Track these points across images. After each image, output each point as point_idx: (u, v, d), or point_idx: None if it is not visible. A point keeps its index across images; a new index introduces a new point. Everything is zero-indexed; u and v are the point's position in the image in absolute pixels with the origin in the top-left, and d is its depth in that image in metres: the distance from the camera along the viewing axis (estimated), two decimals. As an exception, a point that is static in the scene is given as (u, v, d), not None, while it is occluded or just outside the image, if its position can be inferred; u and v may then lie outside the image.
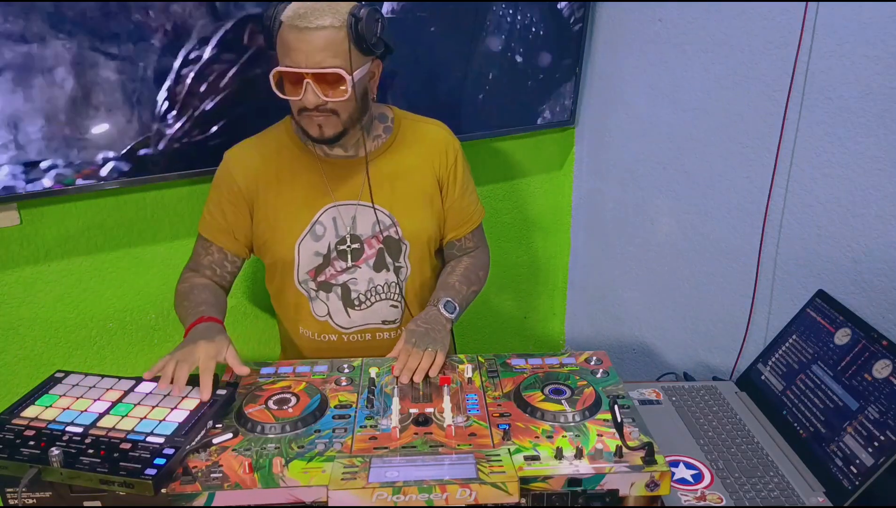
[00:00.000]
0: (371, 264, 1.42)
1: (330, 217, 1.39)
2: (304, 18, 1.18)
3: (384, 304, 1.45)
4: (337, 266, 1.41)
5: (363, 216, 1.39)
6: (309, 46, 1.19)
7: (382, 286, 1.44)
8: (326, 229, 1.39)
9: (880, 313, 1.43)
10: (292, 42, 1.20)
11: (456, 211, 1.47)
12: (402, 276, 1.45)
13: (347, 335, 1.46)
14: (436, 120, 1.48)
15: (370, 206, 1.38)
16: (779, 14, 1.56)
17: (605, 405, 1.16)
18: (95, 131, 1.46)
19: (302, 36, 1.19)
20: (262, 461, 1.03)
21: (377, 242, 1.41)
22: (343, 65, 1.21)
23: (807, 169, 1.56)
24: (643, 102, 2.00)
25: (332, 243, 1.40)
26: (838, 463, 1.16)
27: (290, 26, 1.20)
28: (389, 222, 1.40)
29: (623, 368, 2.24)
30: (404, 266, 1.44)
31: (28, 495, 1.00)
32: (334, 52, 1.20)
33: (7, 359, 1.59)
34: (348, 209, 1.39)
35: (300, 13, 1.19)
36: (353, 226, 1.39)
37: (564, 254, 2.47)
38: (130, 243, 1.66)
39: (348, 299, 1.43)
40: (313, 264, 1.41)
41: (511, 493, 0.98)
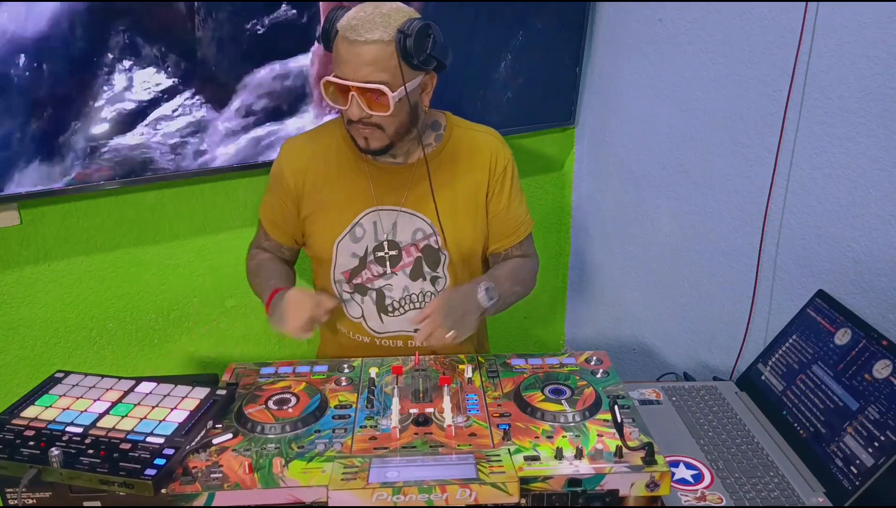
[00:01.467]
0: (408, 272, 1.41)
1: (371, 221, 1.38)
2: (356, 31, 1.18)
3: (417, 313, 1.44)
4: (373, 270, 1.41)
5: (404, 223, 1.39)
6: (357, 60, 1.19)
7: (417, 295, 1.43)
8: (366, 231, 1.39)
9: (880, 313, 1.43)
10: (342, 53, 1.20)
11: (501, 221, 1.45)
12: (439, 286, 1.43)
13: (380, 339, 1.46)
14: (488, 128, 1.47)
15: (412, 213, 1.38)
16: (779, 14, 1.56)
17: (605, 405, 1.16)
18: (95, 131, 1.46)
19: (352, 49, 1.18)
20: (262, 461, 1.03)
21: (416, 250, 1.40)
22: (389, 80, 1.20)
23: (807, 169, 1.56)
24: (643, 102, 2.00)
25: (370, 247, 1.39)
26: (838, 463, 1.16)
27: (342, 37, 1.20)
28: (430, 232, 1.39)
29: (623, 368, 2.24)
30: (442, 277, 1.42)
31: (28, 495, 1.00)
32: (382, 66, 1.19)
33: (7, 359, 1.59)
34: (390, 215, 1.38)
35: (353, 24, 1.18)
36: (394, 232, 1.39)
37: (564, 254, 2.47)
38: (130, 243, 1.66)
39: (382, 305, 1.43)
40: (349, 265, 1.41)
41: (511, 493, 0.98)
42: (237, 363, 1.32)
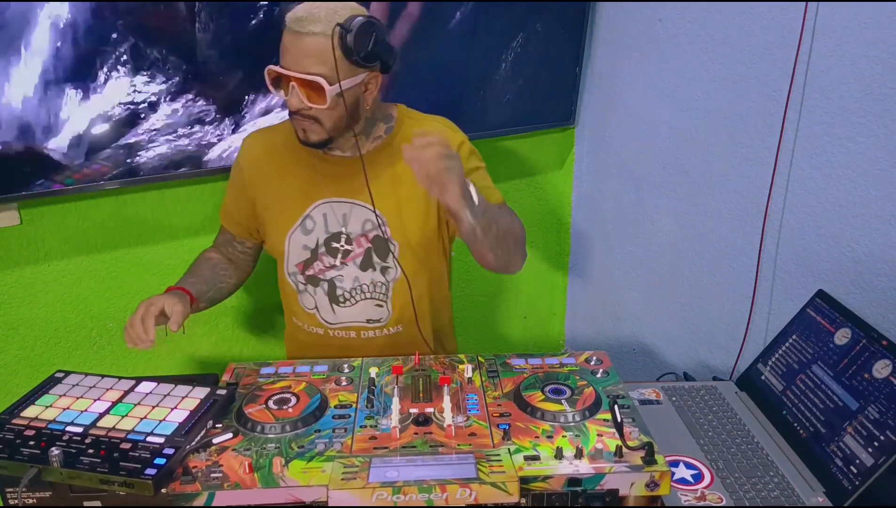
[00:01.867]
0: (358, 263, 1.42)
1: (321, 213, 1.40)
2: (300, 22, 1.19)
3: (369, 303, 1.44)
4: (325, 262, 1.42)
5: (355, 215, 1.40)
6: (298, 51, 1.20)
7: (368, 286, 1.43)
8: (316, 224, 1.40)
9: (880, 313, 1.43)
10: (286, 44, 1.22)
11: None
12: (390, 277, 1.43)
13: (333, 331, 1.47)
14: (439, 117, 1.46)
15: (362, 205, 1.39)
16: (779, 14, 1.56)
17: (605, 405, 1.16)
18: (95, 132, 1.46)
19: (294, 39, 1.20)
20: (262, 461, 1.03)
21: (366, 240, 1.41)
22: (327, 74, 1.20)
23: (807, 169, 1.56)
24: (643, 102, 2.00)
25: (321, 239, 1.41)
26: (838, 463, 1.16)
27: (288, 27, 1.22)
28: (379, 222, 1.40)
29: (623, 368, 2.24)
30: (392, 267, 1.43)
31: (28, 495, 1.00)
32: (322, 59, 1.20)
33: (7, 359, 1.59)
34: (341, 207, 1.40)
35: (298, 16, 1.20)
36: (344, 223, 1.40)
37: (564, 254, 2.47)
38: (130, 243, 1.66)
39: (334, 296, 1.44)
40: (301, 257, 1.43)
41: (511, 493, 0.98)
42: (237, 363, 1.32)
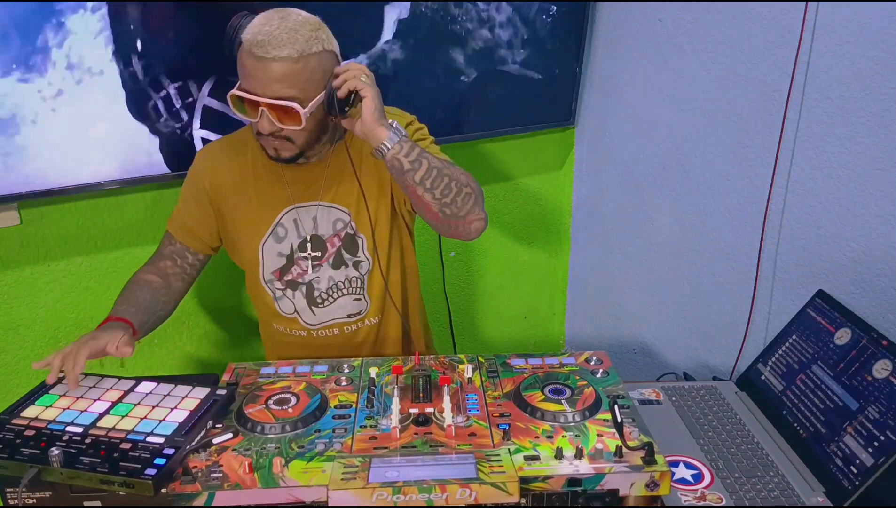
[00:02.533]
0: (330, 263, 1.42)
1: (291, 219, 1.39)
2: (263, 47, 1.16)
3: (347, 299, 1.45)
4: (302, 265, 1.42)
5: (324, 216, 1.40)
6: (266, 76, 1.18)
7: (343, 282, 1.43)
8: (288, 230, 1.40)
9: (880, 313, 1.43)
10: (250, 69, 1.19)
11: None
12: (364, 270, 1.43)
13: (316, 331, 1.47)
14: (390, 108, 1.40)
15: (329, 205, 1.39)
16: (779, 14, 1.56)
17: (605, 405, 1.16)
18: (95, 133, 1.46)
19: (259, 65, 1.18)
20: (262, 461, 1.03)
21: (338, 240, 1.41)
22: (299, 96, 1.20)
23: (807, 169, 1.56)
24: (643, 102, 2.00)
25: (295, 244, 1.40)
26: (838, 463, 1.16)
27: (248, 52, 1.18)
28: (349, 219, 1.40)
29: (623, 368, 2.24)
30: (364, 260, 1.43)
31: (28, 495, 1.00)
32: (290, 83, 1.19)
33: (7, 359, 1.59)
34: (309, 210, 1.39)
35: (259, 40, 1.17)
36: (315, 226, 1.40)
37: (564, 254, 2.47)
38: (130, 243, 1.66)
39: (311, 298, 1.44)
40: (277, 264, 1.42)
41: (511, 493, 0.98)
42: (237, 363, 1.32)
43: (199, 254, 1.44)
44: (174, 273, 1.42)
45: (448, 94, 1.92)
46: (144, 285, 1.37)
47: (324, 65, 1.22)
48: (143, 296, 1.34)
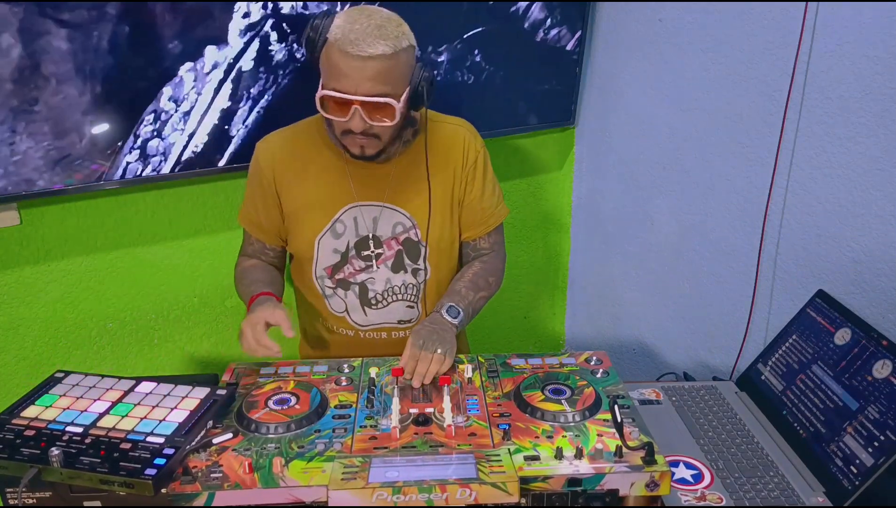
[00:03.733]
0: (389, 266, 1.42)
1: (351, 217, 1.40)
2: (357, 45, 1.17)
3: (401, 304, 1.46)
4: (355, 265, 1.42)
5: (385, 218, 1.40)
6: (360, 74, 1.19)
7: (399, 287, 1.44)
8: (347, 227, 1.40)
9: (880, 313, 1.43)
10: (343, 68, 1.19)
11: (472, 211, 1.46)
12: (421, 278, 1.45)
13: (364, 332, 1.48)
14: (460, 120, 1.48)
15: (392, 208, 1.39)
16: (779, 14, 1.56)
17: (605, 405, 1.16)
18: (96, 132, 1.46)
19: (353, 63, 1.18)
20: (262, 461, 1.03)
21: (397, 243, 1.41)
22: (392, 92, 1.21)
23: (807, 169, 1.56)
24: (643, 102, 2.00)
25: (352, 242, 1.41)
26: (838, 463, 1.16)
27: (340, 51, 1.18)
28: (410, 225, 1.41)
29: (623, 368, 2.24)
30: (423, 268, 1.44)
31: (28, 495, 1.00)
32: (385, 79, 1.20)
33: (7, 359, 1.59)
34: (371, 210, 1.40)
35: (351, 39, 1.17)
36: (375, 227, 1.40)
37: (564, 254, 2.47)
38: (130, 243, 1.66)
39: (365, 298, 1.44)
40: (331, 261, 1.42)
41: (511, 493, 0.98)
42: (237, 363, 1.32)
43: (275, 247, 1.48)
44: (269, 262, 1.49)
45: (448, 94, 1.92)
46: (255, 267, 1.45)
47: (410, 60, 1.24)
48: (260, 273, 1.42)
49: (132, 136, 1.49)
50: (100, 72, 1.42)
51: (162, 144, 1.53)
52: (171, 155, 1.55)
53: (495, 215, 1.49)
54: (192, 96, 1.52)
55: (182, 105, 1.52)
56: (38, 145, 1.41)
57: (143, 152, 1.52)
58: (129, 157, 1.50)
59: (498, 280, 1.51)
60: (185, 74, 1.50)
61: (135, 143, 1.50)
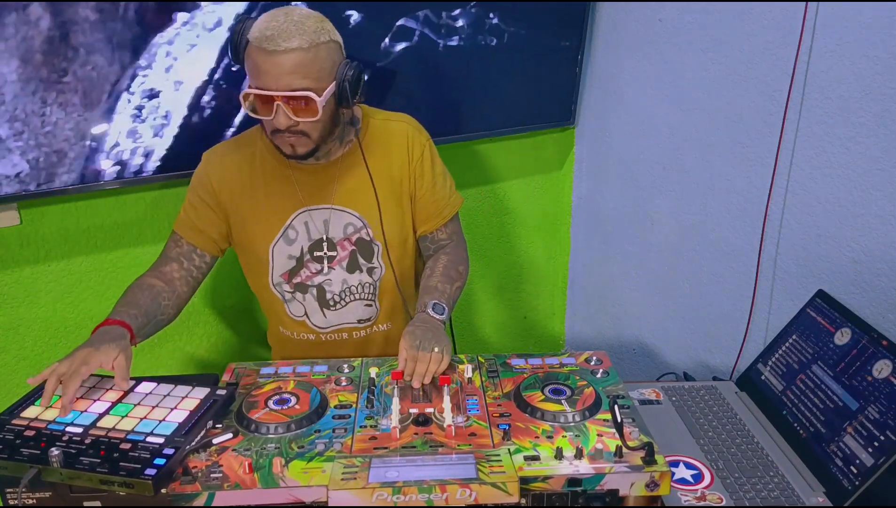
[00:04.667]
0: (344, 266, 1.43)
1: (302, 222, 1.40)
2: (272, 41, 1.17)
3: (359, 304, 1.46)
4: (311, 268, 1.42)
5: (335, 220, 1.40)
6: (278, 69, 1.18)
7: (356, 287, 1.44)
8: (299, 233, 1.40)
9: (880, 313, 1.43)
10: (261, 64, 1.19)
11: (425, 204, 1.46)
12: (376, 276, 1.45)
13: (325, 335, 1.47)
14: (402, 115, 1.47)
15: (341, 209, 1.40)
16: (779, 14, 1.56)
17: (605, 405, 1.16)
18: (95, 131, 1.46)
19: (270, 59, 1.18)
20: (262, 461, 1.03)
21: (349, 244, 1.42)
22: (313, 86, 1.20)
23: (807, 169, 1.56)
24: (643, 102, 2.00)
25: (305, 247, 1.41)
26: (838, 463, 1.16)
27: (257, 48, 1.18)
28: (360, 225, 1.41)
29: (623, 368, 2.24)
30: (378, 267, 1.44)
31: (28, 495, 1.00)
32: (304, 73, 1.19)
33: (7, 359, 1.59)
34: (320, 213, 1.40)
35: (267, 35, 1.17)
36: (326, 229, 1.40)
37: (564, 254, 2.47)
38: (130, 243, 1.66)
39: (323, 300, 1.44)
40: (287, 267, 1.42)
41: (511, 493, 0.98)
42: (237, 363, 1.32)
43: (206, 255, 1.42)
44: (179, 277, 1.39)
45: (448, 94, 1.92)
46: (147, 288, 1.34)
47: (332, 55, 1.23)
48: (144, 299, 1.30)
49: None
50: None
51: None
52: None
53: (449, 206, 1.49)
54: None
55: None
56: (67, 116, 1.42)
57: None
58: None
59: (466, 268, 1.51)
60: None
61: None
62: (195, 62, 1.52)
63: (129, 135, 1.50)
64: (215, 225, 1.41)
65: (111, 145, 1.49)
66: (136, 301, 1.29)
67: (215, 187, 1.39)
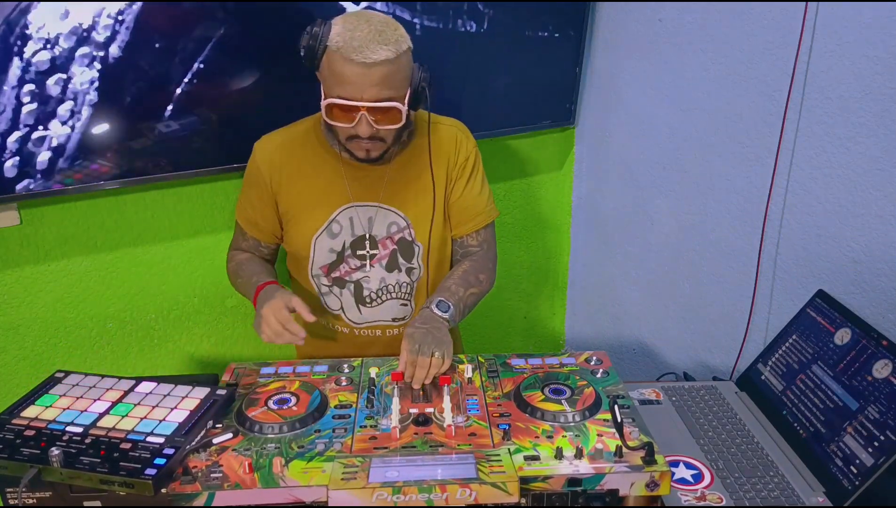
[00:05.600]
0: (384, 265, 1.44)
1: (347, 217, 1.41)
2: (360, 52, 1.18)
3: (395, 303, 1.48)
4: (351, 264, 1.43)
5: (380, 218, 1.41)
6: (366, 81, 1.20)
7: (394, 286, 1.46)
8: (343, 227, 1.41)
9: (880, 313, 1.43)
10: (347, 75, 1.20)
11: (460, 208, 1.47)
12: (415, 277, 1.47)
13: (359, 330, 1.49)
14: (454, 120, 1.49)
15: (387, 208, 1.41)
16: (779, 14, 1.56)
17: (605, 405, 1.16)
18: (95, 131, 1.46)
19: (358, 70, 1.19)
20: (262, 461, 1.03)
21: (391, 243, 1.43)
22: (397, 95, 1.23)
23: (807, 169, 1.56)
24: (643, 102, 2.00)
25: (348, 242, 1.42)
26: (838, 463, 1.16)
27: (344, 58, 1.19)
28: (405, 225, 1.42)
29: (623, 368, 2.24)
30: (417, 267, 1.46)
31: (28, 495, 1.00)
32: (390, 84, 1.21)
33: (7, 359, 1.59)
34: (366, 211, 1.41)
35: (354, 46, 1.18)
36: (370, 227, 1.41)
37: (564, 254, 2.47)
38: (130, 243, 1.66)
39: (360, 297, 1.46)
40: (327, 260, 1.43)
41: (511, 493, 0.98)
42: (237, 363, 1.32)
43: (270, 245, 1.49)
44: (261, 257, 1.50)
45: (448, 94, 1.91)
46: (249, 260, 1.47)
47: (410, 61, 1.26)
48: (258, 266, 1.44)
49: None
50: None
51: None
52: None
53: (484, 214, 1.50)
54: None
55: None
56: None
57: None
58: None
59: (489, 279, 1.50)
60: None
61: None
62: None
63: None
64: (268, 217, 1.45)
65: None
66: (257, 270, 1.43)
67: (266, 176, 1.41)
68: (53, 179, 1.44)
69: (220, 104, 1.58)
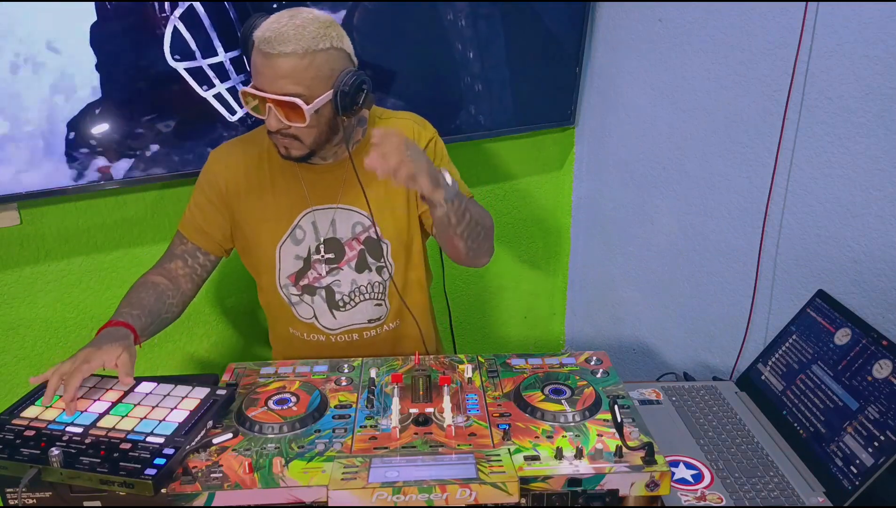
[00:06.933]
0: (353, 266, 1.42)
1: (309, 221, 1.39)
2: (270, 43, 1.17)
3: (368, 304, 1.45)
4: (319, 269, 1.41)
5: (343, 219, 1.39)
6: (272, 72, 1.18)
7: (366, 287, 1.44)
8: (306, 233, 1.39)
9: (880, 313, 1.43)
10: (258, 65, 1.20)
11: None
12: (386, 275, 1.44)
13: (335, 336, 1.46)
14: (408, 113, 1.46)
15: (348, 208, 1.39)
16: (779, 14, 1.56)
17: (605, 405, 1.16)
18: (95, 132, 1.46)
19: (266, 61, 1.18)
20: (262, 461, 1.03)
21: (358, 243, 1.41)
22: (303, 93, 1.19)
23: (807, 169, 1.56)
24: (643, 102, 2.00)
25: (313, 247, 1.40)
26: (838, 463, 1.16)
27: (257, 49, 1.19)
28: (368, 223, 1.40)
29: (623, 368, 2.24)
30: (387, 265, 1.43)
31: (28, 495, 1.00)
32: (296, 80, 1.19)
33: (7, 359, 1.59)
34: (327, 213, 1.39)
35: (267, 37, 1.17)
36: (333, 229, 1.40)
37: (564, 254, 2.47)
38: (130, 243, 1.66)
39: (333, 301, 1.43)
40: (294, 268, 1.41)
41: (511, 493, 0.98)
42: (237, 363, 1.32)
43: (210, 255, 1.42)
44: (184, 274, 1.39)
45: (448, 94, 1.92)
46: (151, 286, 1.33)
47: (332, 63, 1.22)
48: (147, 298, 1.30)
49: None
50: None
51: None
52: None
53: (463, 190, 1.38)
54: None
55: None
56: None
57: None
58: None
59: (492, 227, 1.39)
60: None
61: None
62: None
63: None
64: (220, 227, 1.40)
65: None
66: (140, 301, 1.29)
67: (222, 186, 1.38)
68: (53, 179, 1.44)
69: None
